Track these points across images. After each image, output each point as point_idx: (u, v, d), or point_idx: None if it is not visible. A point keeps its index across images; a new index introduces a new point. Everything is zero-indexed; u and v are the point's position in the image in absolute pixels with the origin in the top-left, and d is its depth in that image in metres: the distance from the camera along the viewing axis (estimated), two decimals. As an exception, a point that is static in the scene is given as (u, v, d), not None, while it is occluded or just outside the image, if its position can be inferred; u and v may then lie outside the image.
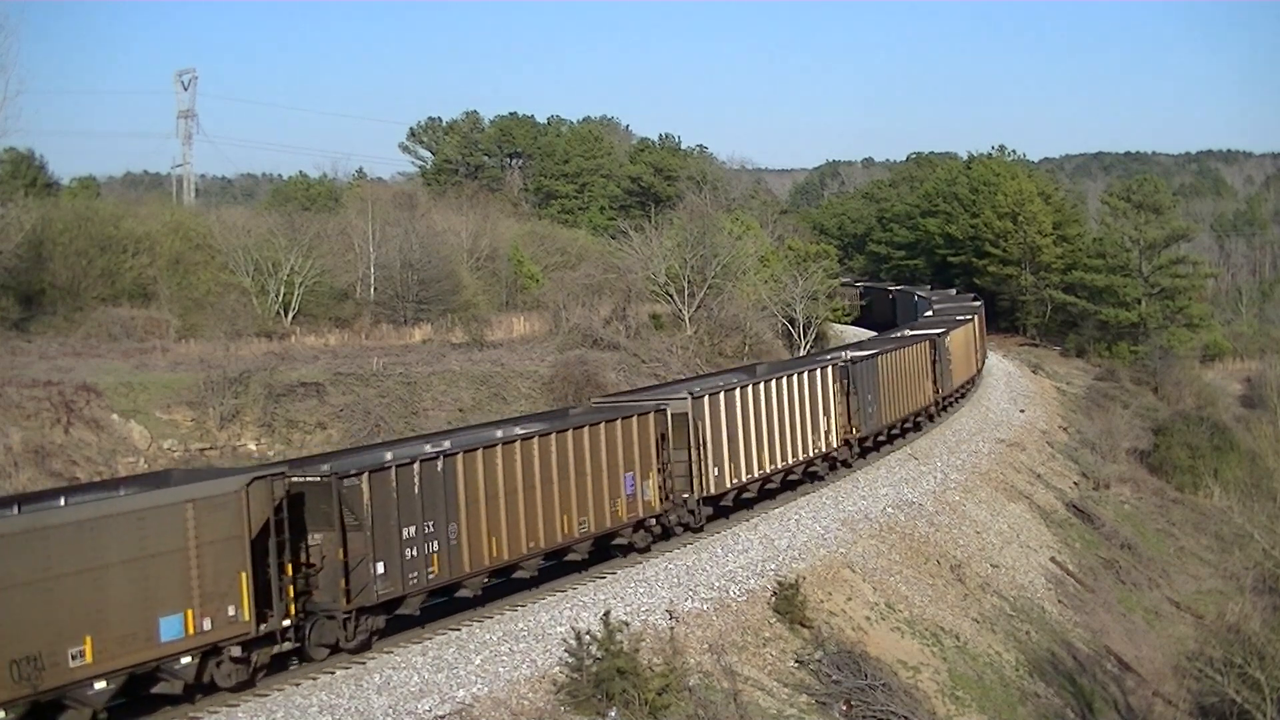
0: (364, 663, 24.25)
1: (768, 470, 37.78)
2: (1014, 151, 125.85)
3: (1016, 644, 36.14)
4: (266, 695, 22.38)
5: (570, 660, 24.19)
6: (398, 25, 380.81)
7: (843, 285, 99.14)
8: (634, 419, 31.72)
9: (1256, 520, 35.87)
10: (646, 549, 32.32)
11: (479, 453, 26.56)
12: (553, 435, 28.69)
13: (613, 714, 23.49)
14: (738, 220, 77.44)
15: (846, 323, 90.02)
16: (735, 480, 35.80)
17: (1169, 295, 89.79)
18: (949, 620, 35.21)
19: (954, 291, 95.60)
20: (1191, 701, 33.62)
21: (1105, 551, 48.30)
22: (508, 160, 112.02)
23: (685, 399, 33.81)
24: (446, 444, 27.02)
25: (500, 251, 72.57)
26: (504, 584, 28.78)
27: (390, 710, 22.01)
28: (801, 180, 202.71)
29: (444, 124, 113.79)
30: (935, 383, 54.35)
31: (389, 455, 25.49)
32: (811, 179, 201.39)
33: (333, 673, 23.65)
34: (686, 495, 33.60)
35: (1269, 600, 37.77)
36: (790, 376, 39.61)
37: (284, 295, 55.73)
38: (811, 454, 40.76)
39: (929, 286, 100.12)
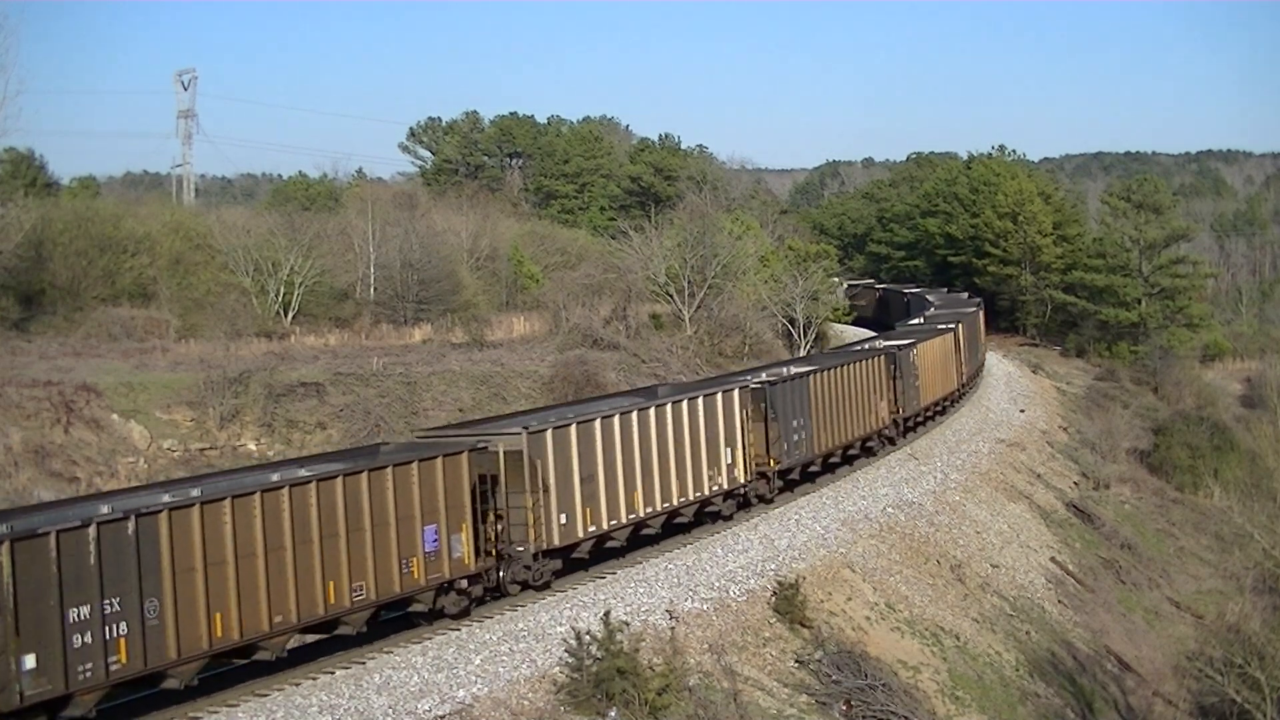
0: (364, 662, 24.25)
1: (642, 514, 31.89)
2: (1014, 151, 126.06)
3: (1016, 644, 36.13)
4: (266, 695, 22.39)
5: (570, 660, 24.19)
6: (398, 25, 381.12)
7: (858, 287, 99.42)
8: (438, 460, 26.01)
9: (1256, 520, 35.87)
10: (463, 614, 26.94)
11: (193, 510, 21.20)
12: (313, 484, 23.29)
13: (613, 714, 23.48)
14: (738, 220, 77.45)
15: (847, 322, 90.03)
16: (592, 528, 30.02)
17: (1169, 295, 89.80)
18: (949, 620, 35.21)
19: (945, 290, 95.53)
20: (1191, 701, 33.62)
21: (1105, 551, 48.31)
22: (508, 160, 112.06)
23: (519, 434, 28.35)
24: (165, 497, 21.95)
25: (500, 251, 72.61)
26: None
27: (390, 710, 22.01)
28: (801, 180, 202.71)
29: (444, 124, 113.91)
30: (894, 402, 48.43)
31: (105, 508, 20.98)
32: (811, 179, 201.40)
33: (332, 673, 23.65)
34: (523, 548, 28.28)
35: (1269, 600, 37.76)
36: (685, 402, 33.99)
37: (284, 295, 55.75)
38: (709, 491, 34.70)
39: (914, 287, 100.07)
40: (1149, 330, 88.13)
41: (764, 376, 40.44)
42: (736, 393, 36.37)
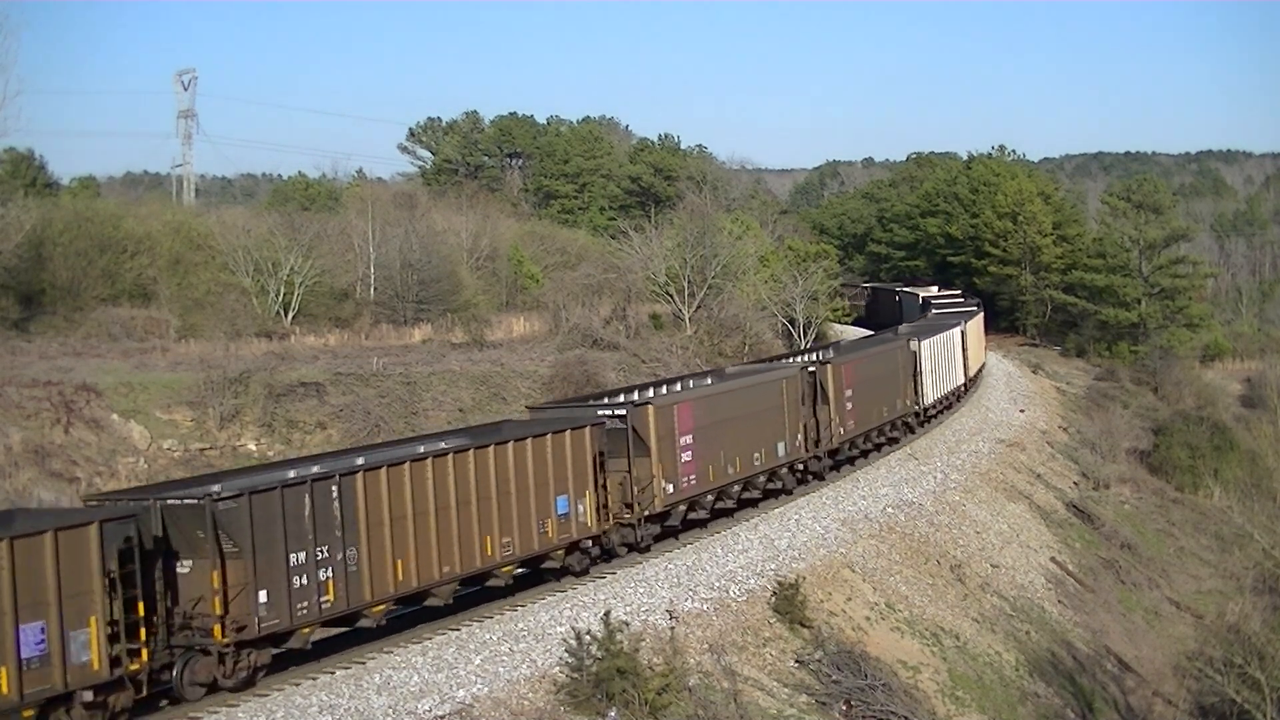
0: (364, 662, 24.27)
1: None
2: (1014, 151, 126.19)
3: (1016, 644, 36.13)
4: (266, 695, 22.40)
5: (570, 660, 24.19)
6: (398, 25, 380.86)
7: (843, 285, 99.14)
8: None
9: (1256, 520, 35.86)
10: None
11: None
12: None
13: (613, 714, 23.48)
14: (738, 220, 77.49)
15: (847, 323, 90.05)
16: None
17: (1169, 295, 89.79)
18: (949, 620, 35.21)
19: (936, 288, 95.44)
20: (1191, 701, 33.61)
21: (1105, 551, 48.31)
22: (508, 160, 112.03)
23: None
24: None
25: (500, 251, 72.60)
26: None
27: (390, 710, 22.01)
28: (801, 180, 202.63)
29: (444, 124, 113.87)
30: (811, 433, 40.98)
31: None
32: (811, 179, 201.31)
33: (332, 673, 23.67)
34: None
35: (1269, 600, 37.77)
36: (508, 444, 28.11)
37: (284, 295, 55.72)
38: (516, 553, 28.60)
39: (899, 284, 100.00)
40: (1149, 330, 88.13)
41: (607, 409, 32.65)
42: (572, 435, 29.85)
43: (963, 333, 63.21)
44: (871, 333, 75.78)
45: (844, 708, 27.32)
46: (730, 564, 32.43)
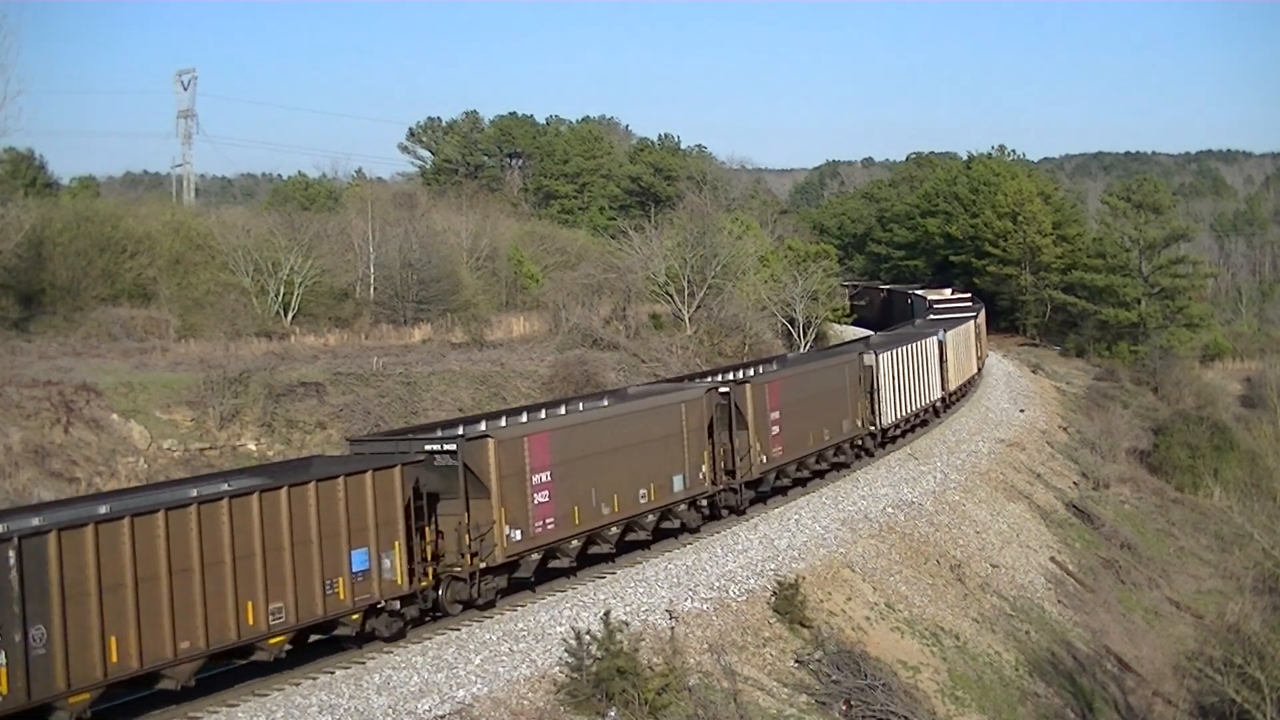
0: (364, 662, 24.26)
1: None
2: (1014, 151, 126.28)
3: (1016, 644, 36.14)
4: (266, 695, 22.40)
5: (570, 660, 24.19)
6: (398, 25, 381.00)
7: (856, 288, 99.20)
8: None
9: (1256, 520, 35.89)
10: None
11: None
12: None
13: (613, 714, 23.48)
14: (737, 220, 77.50)
15: (847, 323, 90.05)
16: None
17: (1169, 295, 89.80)
18: (949, 620, 35.21)
19: (949, 291, 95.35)
20: (1191, 701, 33.62)
21: (1105, 551, 48.31)
22: (508, 160, 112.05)
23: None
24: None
25: (500, 251, 72.60)
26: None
27: (390, 710, 22.01)
28: (801, 180, 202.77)
29: (444, 124, 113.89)
30: (724, 462, 36.29)
31: None
32: (811, 179, 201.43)
33: (332, 673, 23.67)
34: None
35: (1269, 600, 37.77)
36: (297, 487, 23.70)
37: (284, 295, 55.70)
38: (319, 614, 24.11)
39: (915, 286, 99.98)
40: (1149, 330, 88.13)
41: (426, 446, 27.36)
42: (374, 476, 24.93)
43: (940, 343, 57.12)
44: (870, 332, 75.74)
45: (844, 708, 27.32)
46: (730, 564, 32.43)
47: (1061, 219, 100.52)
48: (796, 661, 28.99)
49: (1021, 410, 65.50)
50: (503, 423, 30.69)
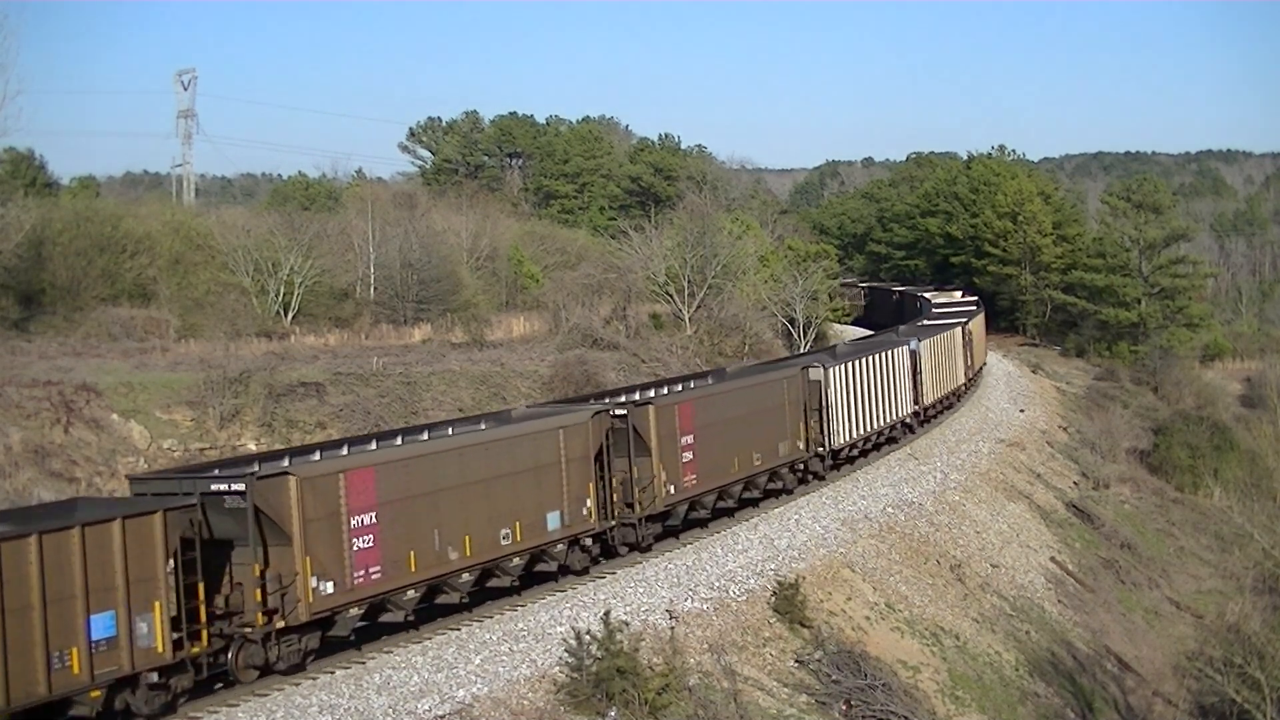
0: (364, 662, 24.26)
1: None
2: (1014, 151, 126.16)
3: (1016, 644, 36.14)
4: (266, 695, 22.40)
5: (570, 660, 24.19)
6: (398, 25, 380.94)
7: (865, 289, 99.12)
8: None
9: (1256, 520, 35.87)
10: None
11: None
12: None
13: (613, 714, 23.49)
14: (737, 220, 77.49)
15: (847, 323, 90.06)
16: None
17: (1169, 295, 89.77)
18: (949, 620, 35.21)
19: (960, 293, 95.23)
20: (1191, 701, 33.62)
21: (1105, 551, 48.29)
22: (508, 160, 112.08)
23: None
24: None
25: (500, 251, 72.62)
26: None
27: (390, 710, 22.02)
28: (801, 180, 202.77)
29: (444, 124, 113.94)
30: (620, 494, 32.22)
31: None
32: (811, 179, 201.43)
33: (332, 673, 23.66)
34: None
35: (1269, 600, 37.77)
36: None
37: (284, 295, 55.72)
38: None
39: (927, 289, 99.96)
40: (1149, 330, 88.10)
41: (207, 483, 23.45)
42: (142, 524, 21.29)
43: (913, 353, 52.26)
44: (871, 332, 75.77)
45: (844, 708, 27.32)
46: (730, 564, 32.44)
47: (1061, 219, 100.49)
48: (796, 661, 28.99)
49: (1021, 410, 65.49)
50: (316, 456, 26.33)
